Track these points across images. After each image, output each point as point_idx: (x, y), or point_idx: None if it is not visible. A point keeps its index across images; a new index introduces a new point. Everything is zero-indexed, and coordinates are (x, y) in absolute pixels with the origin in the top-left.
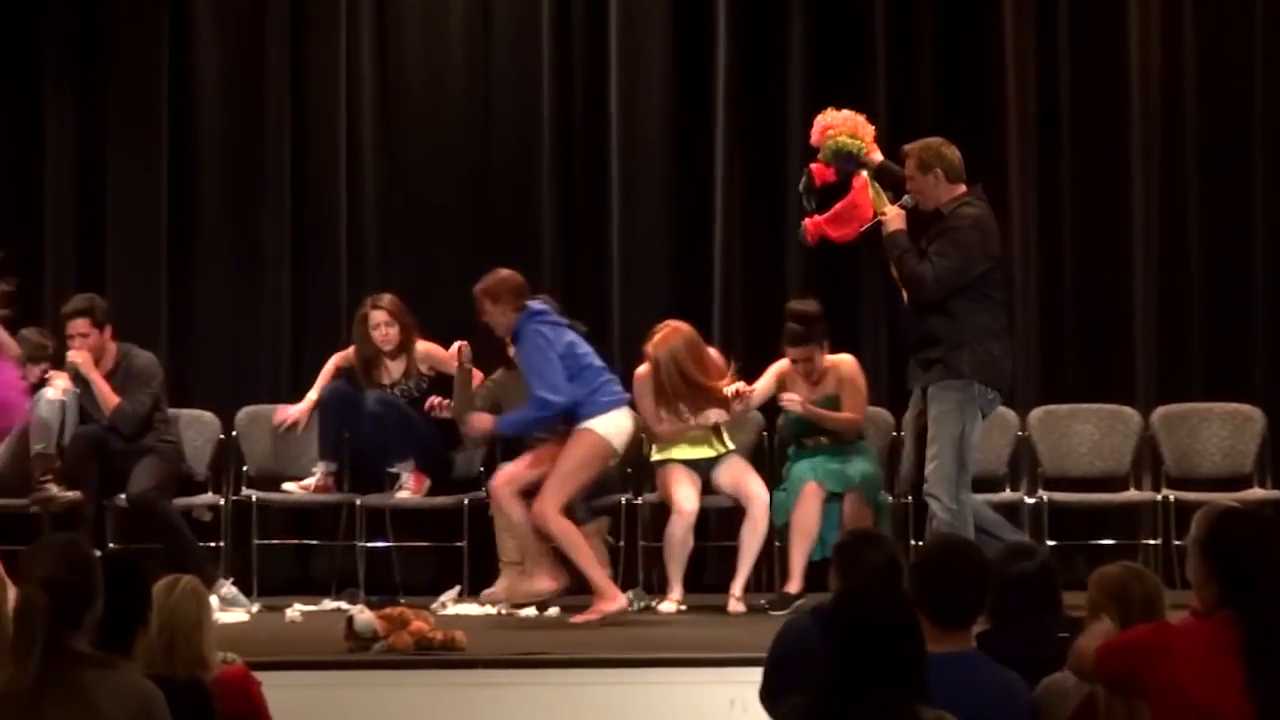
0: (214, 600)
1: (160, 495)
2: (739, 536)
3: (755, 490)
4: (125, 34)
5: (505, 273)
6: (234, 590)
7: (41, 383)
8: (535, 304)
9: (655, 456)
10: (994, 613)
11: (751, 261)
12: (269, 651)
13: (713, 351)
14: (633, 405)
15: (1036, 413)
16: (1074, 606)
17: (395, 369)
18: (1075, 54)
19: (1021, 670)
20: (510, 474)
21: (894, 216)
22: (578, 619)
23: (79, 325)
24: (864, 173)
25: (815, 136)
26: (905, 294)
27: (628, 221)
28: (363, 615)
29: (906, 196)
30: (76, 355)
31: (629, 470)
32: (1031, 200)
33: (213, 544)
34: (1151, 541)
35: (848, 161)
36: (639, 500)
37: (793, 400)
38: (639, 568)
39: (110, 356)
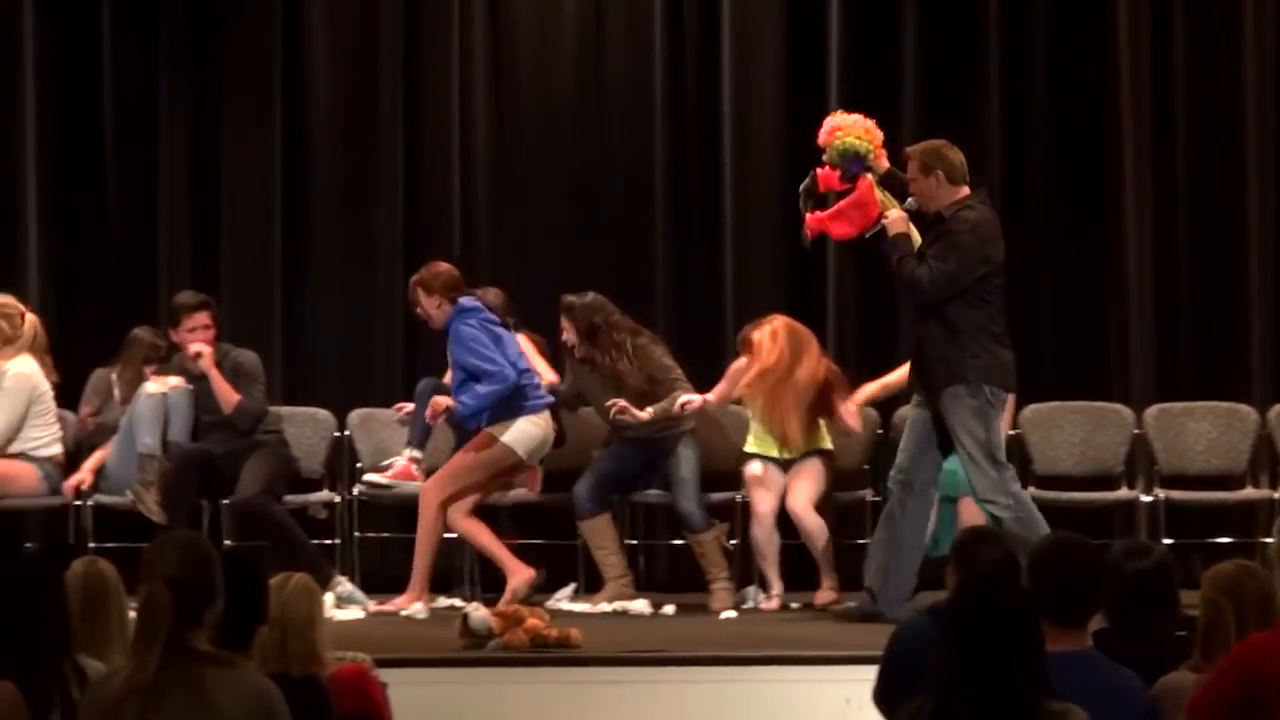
0: (330, 598)
1: (267, 499)
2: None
3: (793, 503)
4: (238, 35)
5: (442, 266)
6: (350, 588)
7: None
8: (467, 300)
9: (746, 447)
10: (1111, 611)
11: (864, 260)
12: (385, 649)
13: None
14: (567, 408)
15: (1152, 411)
16: (1190, 605)
17: None
18: (1190, 54)
19: (1138, 669)
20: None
21: (896, 219)
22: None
23: (201, 319)
24: (870, 176)
25: (823, 137)
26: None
27: (740, 220)
28: (478, 613)
29: (910, 199)
30: (200, 348)
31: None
32: (1147, 200)
33: (328, 542)
34: (1268, 540)
35: (855, 163)
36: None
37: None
38: (754, 567)
39: (214, 354)
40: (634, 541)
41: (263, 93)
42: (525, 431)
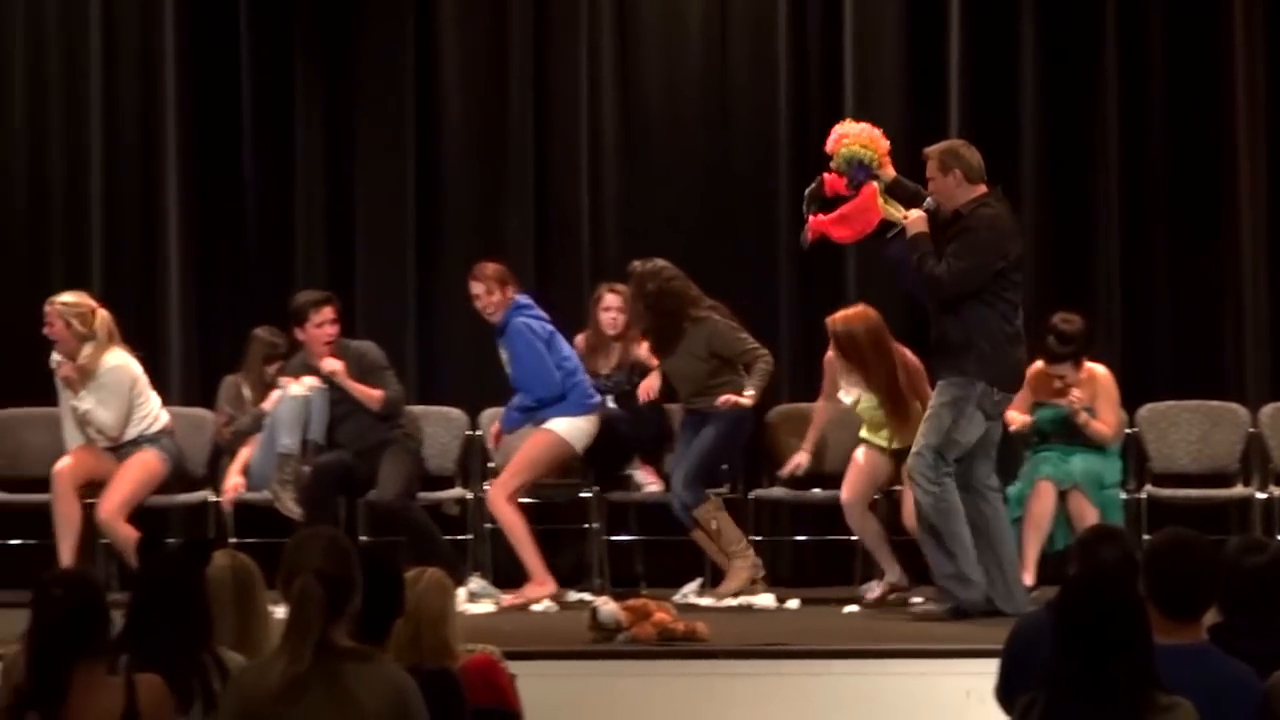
0: (462, 593)
1: (406, 500)
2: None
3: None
4: (371, 42)
5: (495, 263)
6: (483, 583)
7: (273, 381)
8: (522, 297)
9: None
10: (1226, 606)
11: None
12: (516, 642)
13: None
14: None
15: (1267, 410)
16: None
17: (611, 360)
18: None
19: (1253, 663)
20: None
21: (916, 219)
22: (506, 600)
23: (326, 314)
24: (874, 183)
25: (830, 144)
26: (923, 295)
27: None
28: (607, 607)
29: (929, 199)
30: (333, 364)
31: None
32: (1261, 201)
33: (459, 537)
34: None
35: (860, 171)
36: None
37: (1019, 421)
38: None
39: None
40: (758, 537)
41: (396, 99)
42: (581, 429)
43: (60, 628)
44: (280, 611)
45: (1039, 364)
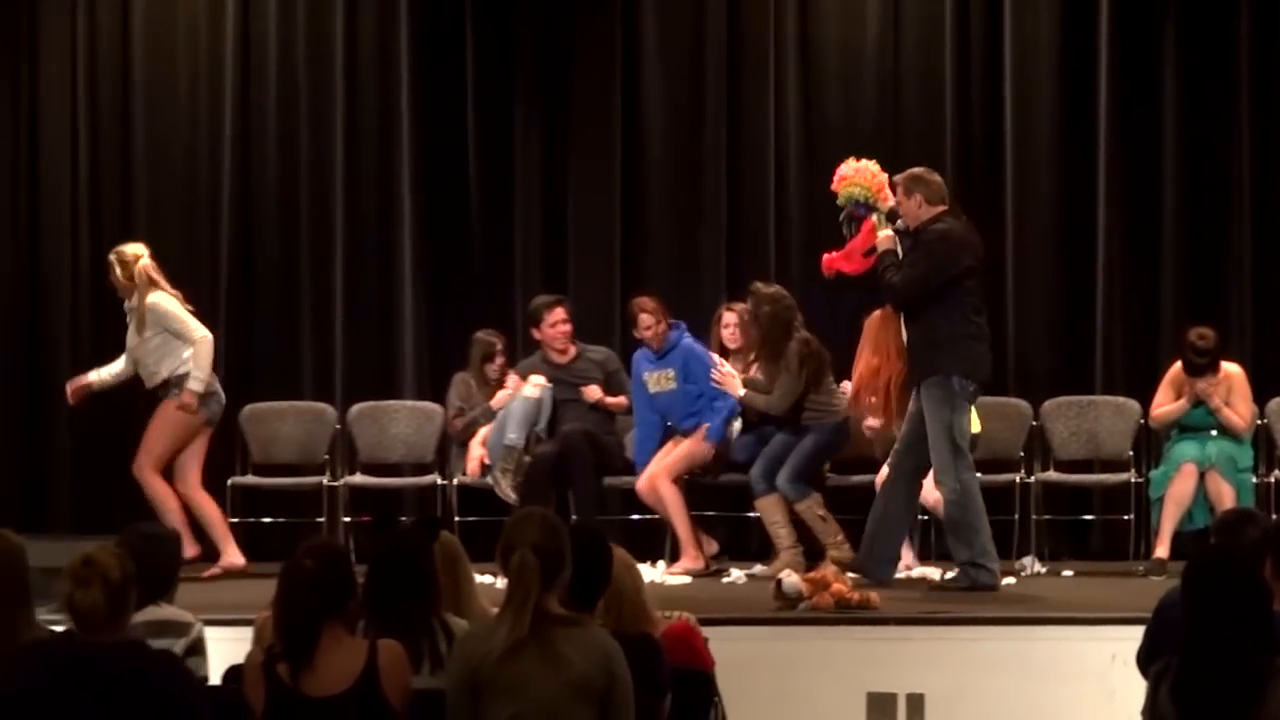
0: (661, 565)
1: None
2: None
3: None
4: (583, 80)
5: (653, 295)
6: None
7: (500, 380)
8: (679, 322)
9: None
10: None
11: (1131, 278)
12: (710, 609)
13: None
14: None
15: None
16: None
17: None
18: None
19: None
20: (656, 470)
21: (885, 238)
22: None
23: (559, 313)
24: (874, 216)
25: (834, 185)
26: (889, 301)
27: (1020, 233)
28: (790, 578)
29: (900, 220)
30: (594, 393)
31: (1022, 454)
32: None
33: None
34: None
35: (860, 206)
36: (1031, 479)
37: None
38: (1031, 539)
39: (574, 351)
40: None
41: (604, 124)
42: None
43: (307, 594)
44: (487, 579)
45: (1179, 366)
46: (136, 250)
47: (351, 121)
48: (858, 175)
